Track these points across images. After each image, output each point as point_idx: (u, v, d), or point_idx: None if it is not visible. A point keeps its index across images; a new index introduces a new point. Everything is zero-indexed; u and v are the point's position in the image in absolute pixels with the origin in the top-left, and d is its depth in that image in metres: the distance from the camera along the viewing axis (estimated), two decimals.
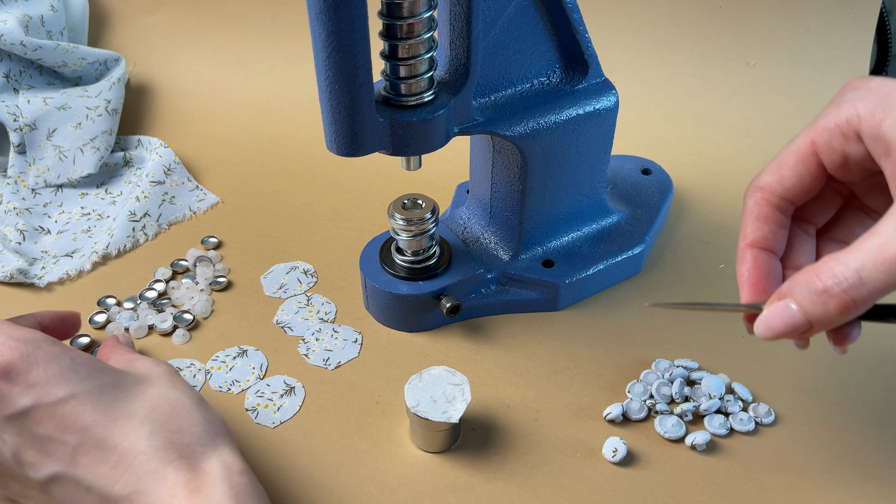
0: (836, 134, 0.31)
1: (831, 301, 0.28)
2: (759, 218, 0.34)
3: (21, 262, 0.57)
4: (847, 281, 0.28)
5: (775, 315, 0.31)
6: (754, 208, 0.35)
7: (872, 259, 0.27)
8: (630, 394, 0.47)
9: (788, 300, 0.30)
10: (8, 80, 0.67)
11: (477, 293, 0.53)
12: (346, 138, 0.42)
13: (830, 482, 0.42)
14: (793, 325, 0.30)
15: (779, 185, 0.34)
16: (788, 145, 0.34)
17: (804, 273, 0.30)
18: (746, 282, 0.35)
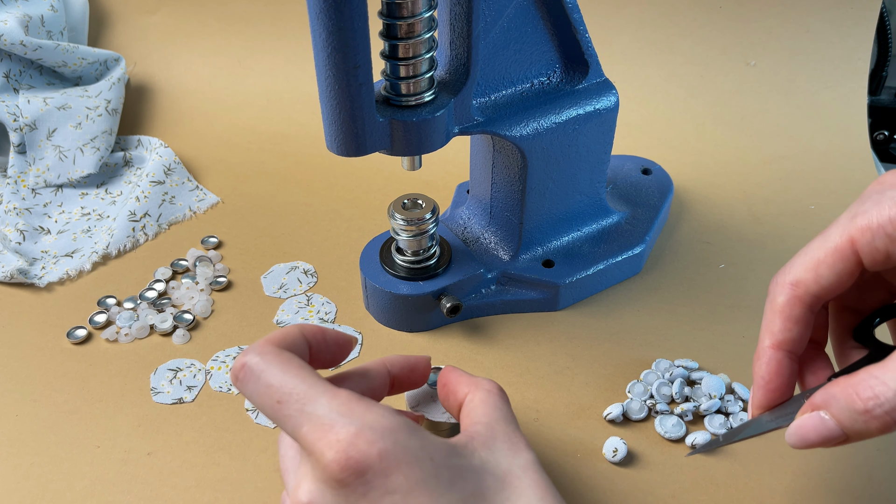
0: (879, 234, 0.29)
1: (873, 421, 0.28)
2: (790, 318, 0.33)
3: (21, 262, 0.57)
4: (890, 403, 0.27)
5: (809, 427, 0.30)
6: (786, 308, 0.33)
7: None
8: (630, 394, 0.47)
9: (823, 413, 0.29)
10: (8, 80, 0.67)
11: (477, 293, 0.53)
12: (346, 138, 0.42)
13: (831, 482, 0.42)
14: (828, 438, 0.30)
15: (815, 284, 0.32)
16: (823, 241, 0.31)
17: (842, 388, 0.29)
18: (764, 385, 0.33)
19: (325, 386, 0.30)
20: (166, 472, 0.43)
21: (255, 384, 0.31)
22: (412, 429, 0.30)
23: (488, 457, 0.31)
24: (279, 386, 0.30)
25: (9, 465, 0.44)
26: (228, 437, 0.45)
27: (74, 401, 0.48)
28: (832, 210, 0.63)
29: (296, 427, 0.29)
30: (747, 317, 0.53)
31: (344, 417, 0.29)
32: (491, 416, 0.33)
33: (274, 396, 0.30)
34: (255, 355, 0.32)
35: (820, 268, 0.31)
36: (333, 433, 0.28)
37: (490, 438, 0.32)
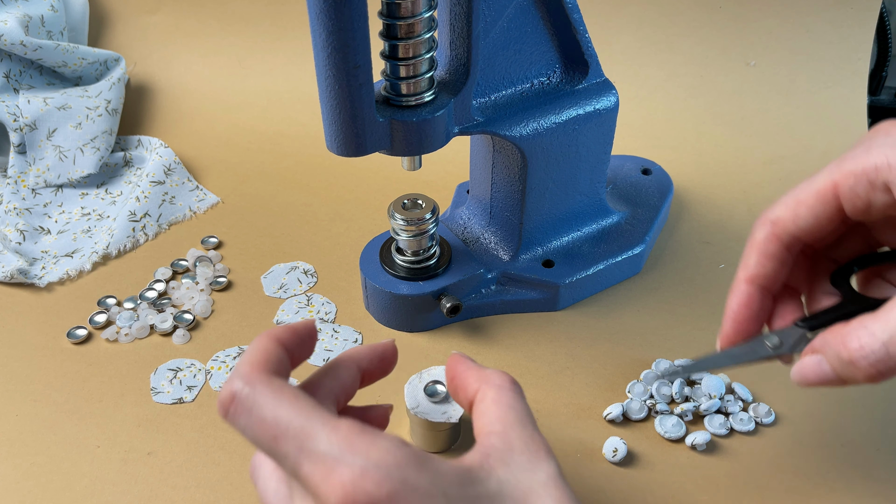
0: (862, 181, 0.29)
1: (858, 372, 0.29)
2: (764, 253, 0.33)
3: (21, 262, 0.57)
4: (875, 354, 0.28)
5: (809, 368, 0.31)
6: (763, 243, 0.33)
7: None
8: (630, 394, 0.47)
9: (821, 357, 0.31)
10: (8, 80, 0.67)
11: (477, 293, 0.53)
12: (346, 138, 0.42)
13: (831, 482, 0.42)
14: (825, 381, 0.31)
15: (793, 224, 0.32)
16: (808, 183, 0.32)
17: (835, 335, 0.30)
18: (732, 317, 0.34)
19: (324, 417, 0.28)
20: (166, 472, 0.43)
21: (247, 418, 0.28)
22: (421, 462, 0.27)
23: (507, 476, 0.29)
24: (273, 420, 0.28)
25: (9, 465, 0.44)
26: (228, 437, 0.45)
27: (74, 401, 0.48)
28: None
29: (296, 466, 0.27)
30: None
31: (347, 455, 0.26)
32: (506, 421, 0.31)
33: (269, 432, 0.28)
34: (244, 384, 0.29)
35: (800, 208, 0.32)
36: (337, 474, 0.26)
37: (507, 452, 0.30)
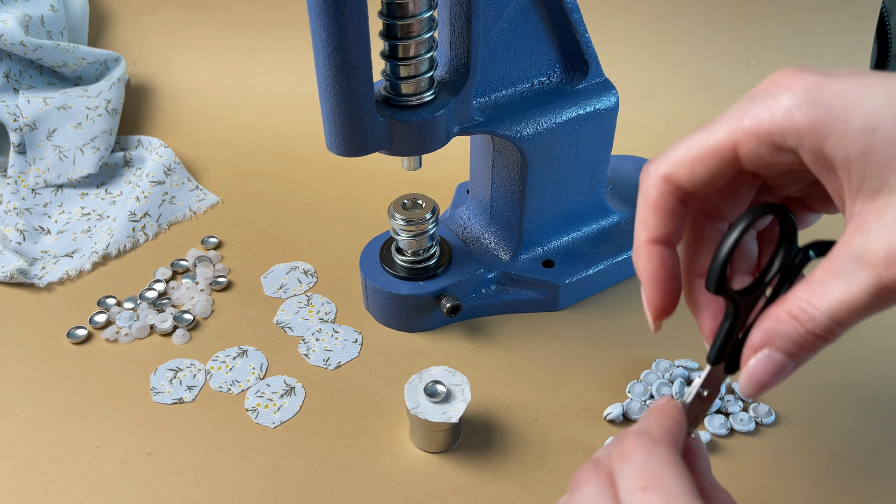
0: (766, 142, 0.27)
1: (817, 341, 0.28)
2: (665, 212, 0.31)
3: (21, 262, 0.57)
4: (824, 326, 0.27)
5: (761, 369, 0.29)
6: (660, 202, 0.31)
7: (840, 301, 0.26)
8: (630, 394, 0.47)
9: (769, 350, 0.29)
10: (8, 80, 0.67)
11: (477, 293, 0.53)
12: (346, 138, 0.42)
13: (831, 482, 0.42)
14: (782, 373, 0.29)
15: (687, 181, 0.30)
16: (704, 138, 0.29)
17: (777, 320, 0.28)
18: (653, 282, 0.32)
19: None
20: (166, 472, 0.43)
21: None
22: None
23: None
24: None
25: (9, 465, 0.44)
26: (228, 437, 0.45)
27: (74, 401, 0.48)
28: None
29: None
30: None
31: None
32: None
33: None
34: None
35: (696, 166, 0.29)
36: None
37: None
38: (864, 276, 0.26)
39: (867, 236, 0.25)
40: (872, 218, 0.25)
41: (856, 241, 0.26)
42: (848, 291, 0.26)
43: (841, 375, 0.49)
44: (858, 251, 0.25)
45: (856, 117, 0.25)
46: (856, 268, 0.26)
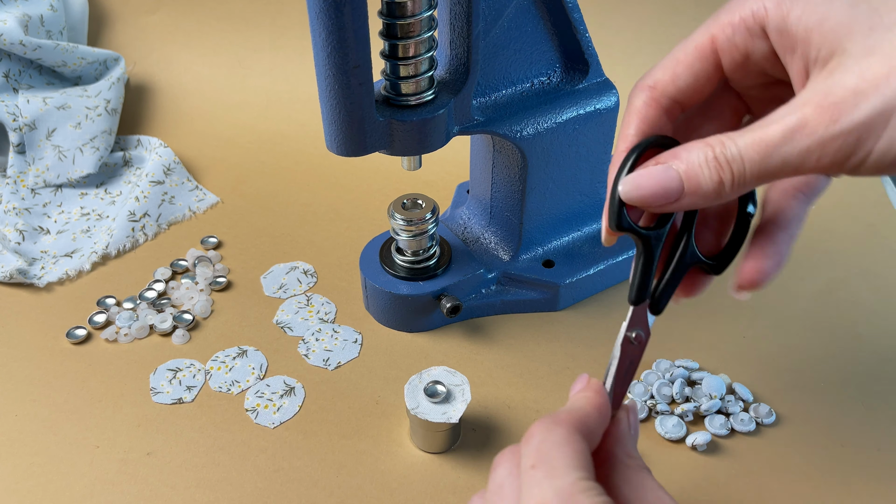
0: (740, 29, 0.28)
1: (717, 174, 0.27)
2: (644, 120, 0.30)
3: (20, 262, 0.57)
4: (731, 157, 0.27)
5: (651, 175, 0.28)
6: (642, 110, 0.30)
7: (757, 139, 0.26)
8: (631, 394, 0.47)
9: (670, 163, 0.28)
10: (7, 80, 0.67)
11: (477, 293, 0.53)
12: (346, 138, 0.41)
13: (831, 482, 0.42)
14: (665, 188, 0.28)
15: (671, 84, 0.30)
16: (686, 42, 0.30)
17: (693, 144, 0.28)
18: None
19: None
20: (166, 472, 0.43)
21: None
22: None
23: None
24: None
25: (8, 465, 0.44)
26: (228, 437, 0.45)
27: (74, 401, 0.48)
28: (833, 210, 0.63)
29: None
30: (748, 317, 0.53)
31: None
32: None
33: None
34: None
35: (678, 67, 0.30)
36: None
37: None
38: (790, 117, 0.26)
39: (810, 89, 0.26)
40: (821, 79, 0.26)
41: (799, 96, 0.26)
42: (766, 131, 0.26)
43: (841, 376, 0.49)
44: (797, 102, 0.26)
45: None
46: (786, 113, 0.26)
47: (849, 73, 0.25)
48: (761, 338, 0.51)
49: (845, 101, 0.24)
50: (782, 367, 0.49)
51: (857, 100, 0.24)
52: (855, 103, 0.24)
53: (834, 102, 0.24)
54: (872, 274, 0.57)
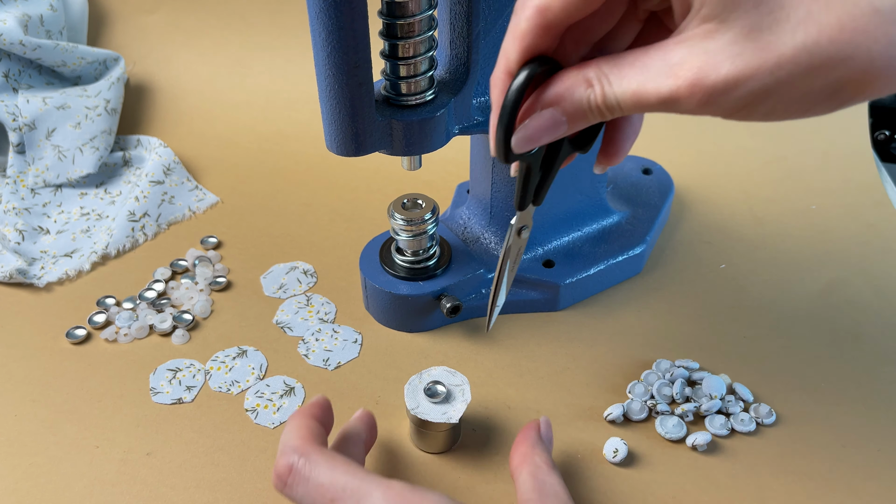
0: None
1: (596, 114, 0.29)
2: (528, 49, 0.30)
3: (20, 262, 0.57)
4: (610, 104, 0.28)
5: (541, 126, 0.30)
6: (529, 35, 0.29)
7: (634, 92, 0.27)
8: (631, 394, 0.47)
9: (553, 110, 0.29)
10: (7, 80, 0.67)
11: (477, 293, 0.53)
12: (346, 138, 0.41)
13: (832, 483, 0.42)
14: (552, 132, 0.30)
15: (563, 13, 0.28)
16: None
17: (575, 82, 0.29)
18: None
19: (376, 479, 0.31)
20: (165, 473, 0.43)
21: (304, 486, 0.32)
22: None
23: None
24: (331, 484, 0.31)
25: (8, 466, 0.44)
26: (228, 438, 0.45)
27: (73, 401, 0.48)
28: (833, 210, 0.63)
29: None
30: (748, 317, 0.53)
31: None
32: (541, 491, 0.36)
33: (327, 495, 0.31)
34: (299, 456, 0.32)
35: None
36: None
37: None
38: (666, 83, 0.26)
39: (687, 51, 0.26)
40: (698, 38, 0.26)
41: (675, 52, 0.26)
42: (644, 88, 0.27)
43: (841, 376, 0.48)
44: (674, 61, 0.26)
45: None
46: (663, 73, 0.26)
47: (725, 56, 0.25)
48: (762, 338, 0.51)
49: (716, 88, 0.25)
50: (783, 368, 0.49)
51: (729, 88, 0.25)
52: (726, 91, 0.25)
53: (708, 87, 0.25)
54: (873, 274, 0.57)
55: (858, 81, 0.24)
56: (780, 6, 0.24)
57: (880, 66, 0.24)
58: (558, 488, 0.36)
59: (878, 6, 0.23)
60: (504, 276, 0.38)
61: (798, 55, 0.24)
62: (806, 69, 0.24)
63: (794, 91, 0.25)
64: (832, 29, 0.24)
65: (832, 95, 0.25)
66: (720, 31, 0.25)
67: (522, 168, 0.34)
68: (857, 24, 0.23)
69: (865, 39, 0.23)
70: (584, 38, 0.31)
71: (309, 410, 0.37)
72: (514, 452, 0.39)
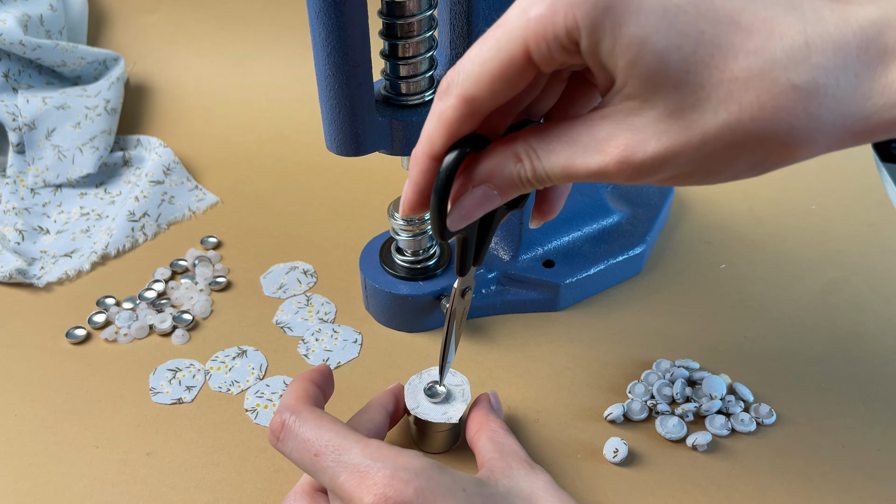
0: (555, 46, 0.26)
1: (528, 187, 0.29)
2: (453, 135, 0.30)
3: (20, 262, 0.57)
4: (541, 177, 0.29)
5: (476, 204, 0.30)
6: (455, 123, 0.29)
7: (563, 166, 0.28)
8: (631, 394, 0.47)
9: (486, 186, 0.30)
10: (7, 80, 0.67)
11: (477, 293, 0.53)
12: (346, 138, 0.41)
13: (832, 483, 0.42)
14: (486, 208, 0.31)
15: (491, 100, 0.28)
16: (497, 51, 0.27)
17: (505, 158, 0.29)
18: (418, 189, 0.31)
19: (357, 436, 0.33)
20: (165, 473, 0.43)
21: (293, 441, 0.34)
22: (441, 468, 0.33)
23: (510, 483, 0.36)
24: (315, 440, 0.33)
25: (7, 466, 0.44)
26: (228, 438, 0.45)
27: (73, 401, 0.48)
28: (833, 210, 0.63)
29: (333, 477, 0.32)
30: (748, 317, 0.53)
31: (378, 462, 0.32)
32: (502, 450, 0.38)
33: (311, 450, 0.33)
34: (291, 413, 0.35)
35: (495, 84, 0.28)
36: (370, 478, 0.31)
37: (507, 468, 0.37)
38: (594, 158, 0.27)
39: (613, 127, 0.26)
40: (622, 114, 0.26)
41: (602, 127, 0.27)
42: (573, 163, 0.27)
43: (841, 376, 0.48)
44: (600, 136, 0.27)
45: (630, 24, 0.25)
46: (591, 149, 0.27)
47: (650, 133, 0.26)
48: (762, 338, 0.51)
49: (644, 165, 0.26)
50: (783, 368, 0.49)
51: (657, 165, 0.26)
52: (654, 167, 0.26)
53: (636, 164, 0.26)
54: (873, 274, 0.57)
55: (781, 154, 0.25)
56: (700, 86, 0.24)
57: (801, 139, 0.24)
58: (516, 447, 0.39)
59: (796, 83, 0.23)
60: (452, 335, 0.40)
61: (721, 133, 0.25)
62: (729, 145, 0.25)
63: (721, 164, 0.26)
64: (753, 108, 0.24)
65: (756, 166, 0.26)
66: (644, 110, 0.26)
67: (459, 240, 0.35)
68: (776, 101, 0.24)
69: (786, 116, 0.24)
70: (510, 111, 0.31)
71: (309, 375, 0.39)
72: (470, 423, 0.42)
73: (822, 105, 0.24)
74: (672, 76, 0.25)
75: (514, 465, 0.37)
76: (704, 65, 0.24)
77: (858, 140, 0.25)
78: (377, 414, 0.40)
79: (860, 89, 0.24)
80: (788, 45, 0.24)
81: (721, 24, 0.24)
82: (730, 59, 0.24)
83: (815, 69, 0.24)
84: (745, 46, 0.24)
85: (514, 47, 0.27)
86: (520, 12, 0.27)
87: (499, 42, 0.27)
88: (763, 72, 0.24)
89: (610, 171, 0.26)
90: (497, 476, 0.36)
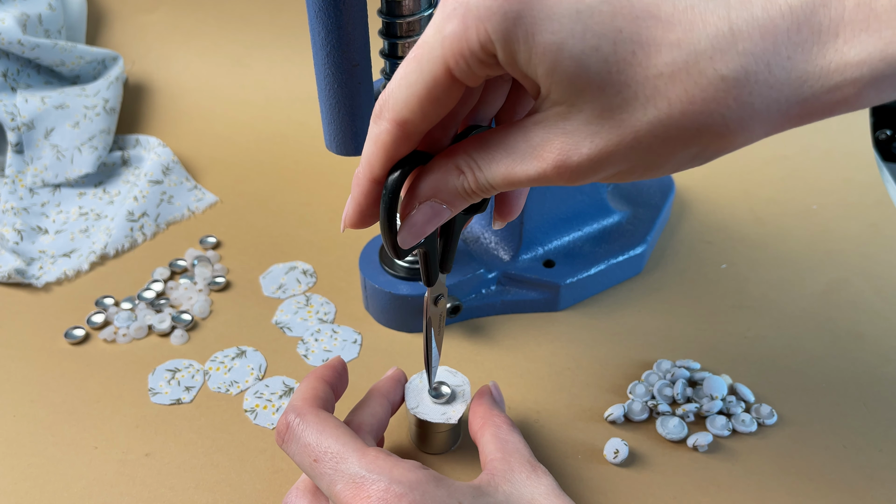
0: (473, 62, 0.26)
1: (474, 197, 0.30)
2: (391, 158, 0.30)
3: (18, 262, 0.57)
4: (484, 186, 0.29)
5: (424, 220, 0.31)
6: (392, 148, 0.30)
7: (504, 175, 0.28)
8: (632, 395, 0.47)
9: (433, 202, 0.30)
10: (6, 79, 0.67)
11: (477, 293, 0.53)
12: (346, 138, 0.41)
13: (832, 483, 0.42)
14: (435, 223, 0.31)
15: (424, 123, 0.28)
16: (420, 73, 0.27)
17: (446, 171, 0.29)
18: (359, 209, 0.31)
19: (356, 444, 0.34)
20: (164, 473, 0.43)
21: (296, 444, 0.35)
22: (438, 480, 0.33)
23: (511, 489, 0.35)
24: (315, 445, 0.34)
25: (6, 466, 0.43)
26: (227, 438, 0.45)
27: (72, 401, 0.48)
28: (834, 210, 0.63)
29: (331, 484, 0.33)
30: (749, 317, 0.53)
31: (374, 475, 0.32)
32: (505, 450, 0.37)
33: (311, 455, 0.34)
34: (296, 416, 0.35)
35: (425, 105, 0.28)
36: (364, 490, 0.31)
37: (509, 471, 0.36)
38: (532, 164, 0.27)
39: (546, 133, 0.26)
40: (553, 119, 0.26)
41: (535, 133, 0.27)
42: (513, 171, 0.27)
43: (843, 376, 0.48)
44: (535, 142, 0.27)
45: (543, 31, 0.24)
46: (528, 156, 0.27)
47: (583, 136, 0.25)
48: (763, 338, 0.51)
49: (581, 167, 0.26)
50: (784, 368, 0.49)
51: (594, 165, 0.26)
52: (591, 168, 0.26)
53: (573, 167, 0.26)
54: (874, 274, 0.57)
55: (718, 144, 0.25)
56: (626, 85, 0.24)
57: (735, 128, 0.24)
58: (520, 445, 0.38)
59: (723, 73, 0.23)
60: (432, 341, 0.40)
61: (654, 129, 0.24)
62: (664, 141, 0.24)
63: (660, 159, 0.25)
64: (682, 102, 0.24)
65: (697, 156, 0.25)
66: (572, 113, 0.25)
67: (420, 254, 0.35)
68: (705, 94, 0.23)
69: (717, 107, 0.23)
70: (450, 123, 0.31)
71: (321, 373, 0.39)
72: (473, 417, 0.41)
73: (753, 93, 0.23)
74: (594, 79, 0.24)
75: (516, 467, 0.36)
76: (627, 63, 0.24)
77: (797, 123, 0.25)
78: (379, 406, 0.40)
79: (794, 73, 0.23)
80: (712, 34, 0.23)
81: (639, 19, 0.23)
82: (652, 55, 0.23)
83: (743, 56, 0.23)
84: (667, 39, 0.23)
85: (435, 67, 0.27)
86: (435, 31, 0.26)
87: (420, 64, 0.27)
88: (688, 64, 0.23)
89: (549, 176, 0.26)
90: (498, 480, 0.36)
